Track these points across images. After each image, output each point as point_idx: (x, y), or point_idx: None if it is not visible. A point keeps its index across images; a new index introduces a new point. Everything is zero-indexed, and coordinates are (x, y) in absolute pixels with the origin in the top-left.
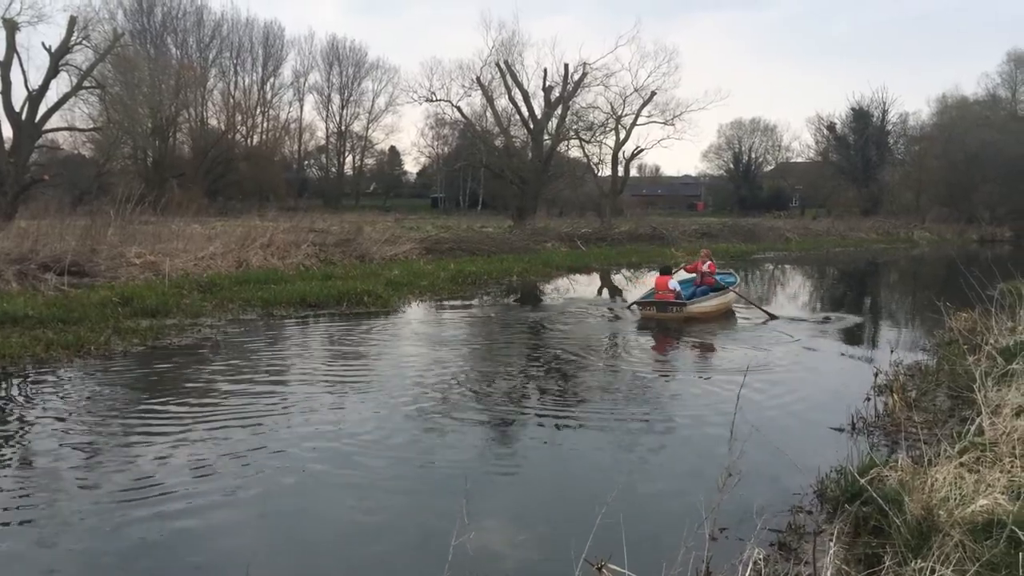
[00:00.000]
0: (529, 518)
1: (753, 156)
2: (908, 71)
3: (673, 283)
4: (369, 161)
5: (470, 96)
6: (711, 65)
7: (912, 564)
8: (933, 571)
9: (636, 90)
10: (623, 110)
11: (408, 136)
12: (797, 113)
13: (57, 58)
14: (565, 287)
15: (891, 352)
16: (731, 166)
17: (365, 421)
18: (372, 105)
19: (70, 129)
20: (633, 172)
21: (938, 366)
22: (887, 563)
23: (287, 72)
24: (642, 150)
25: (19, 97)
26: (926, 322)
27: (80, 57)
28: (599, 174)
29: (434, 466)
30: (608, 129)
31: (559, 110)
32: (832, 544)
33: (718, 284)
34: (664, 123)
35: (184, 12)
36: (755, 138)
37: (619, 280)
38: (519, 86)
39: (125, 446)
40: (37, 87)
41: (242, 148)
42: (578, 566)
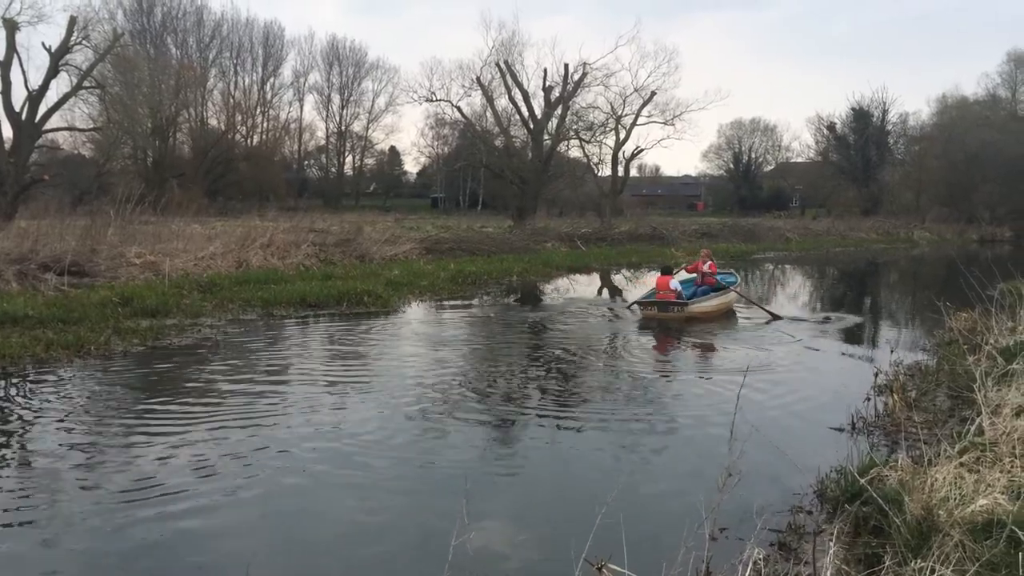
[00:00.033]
0: (529, 518)
1: (753, 156)
2: (908, 71)
3: (674, 283)
4: (369, 161)
5: (470, 96)
6: (711, 65)
7: (912, 564)
8: (933, 571)
9: (636, 90)
10: (623, 110)
11: (408, 136)
12: (797, 113)
13: (57, 58)
14: (565, 287)
15: (891, 352)
16: (731, 166)
17: (365, 421)
18: (372, 105)
19: (70, 129)
20: (633, 172)
21: (938, 366)
22: (887, 563)
23: (287, 72)
24: (642, 150)
25: (19, 97)
26: (926, 322)
27: (80, 57)
28: (599, 174)
29: (434, 466)
30: (608, 129)
31: (559, 110)
32: (832, 544)
33: (719, 284)
34: (664, 123)
35: (184, 12)
36: (755, 138)
37: (619, 280)
38: (519, 86)
39: (125, 446)
40: (37, 87)
41: (242, 148)
42: (578, 566)
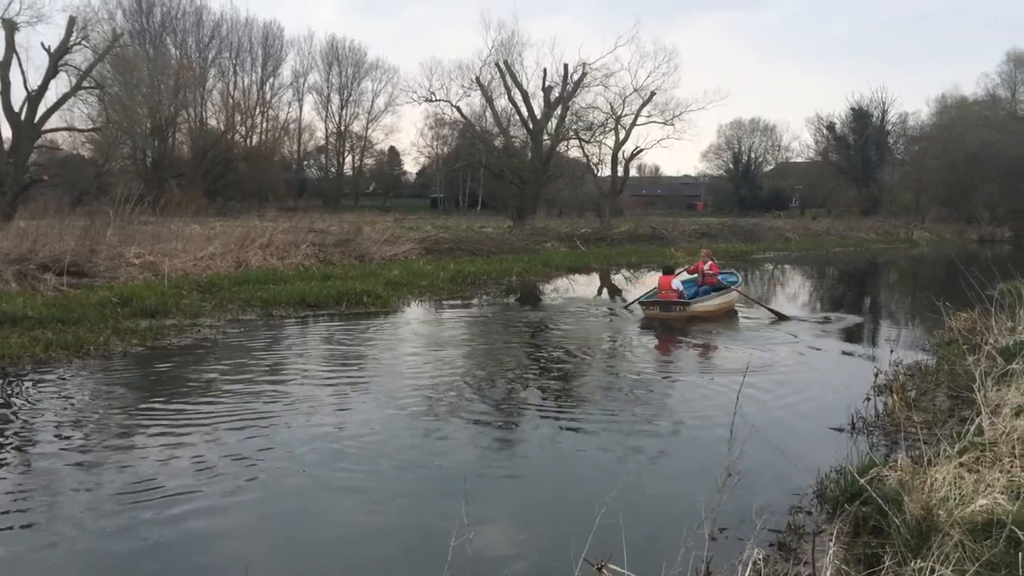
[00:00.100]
0: (529, 518)
1: (753, 156)
2: (908, 71)
3: (676, 283)
4: (368, 161)
5: (469, 96)
6: (711, 65)
7: (912, 564)
8: (933, 571)
9: (636, 90)
10: (623, 110)
11: (407, 136)
12: (797, 113)
13: (56, 58)
14: (565, 287)
15: (891, 352)
16: (731, 166)
17: (365, 421)
18: (371, 105)
19: (69, 129)
20: (633, 172)
21: (938, 366)
22: (887, 563)
23: (286, 72)
24: (642, 150)
25: (18, 97)
26: (926, 322)
27: (79, 57)
28: (599, 174)
29: (434, 466)
30: (608, 129)
31: (559, 110)
32: (832, 544)
33: (720, 284)
34: (664, 123)
35: (183, 12)
36: (755, 138)
37: (619, 280)
38: (519, 86)
39: (125, 447)
40: (36, 87)
41: (241, 148)
42: (578, 566)
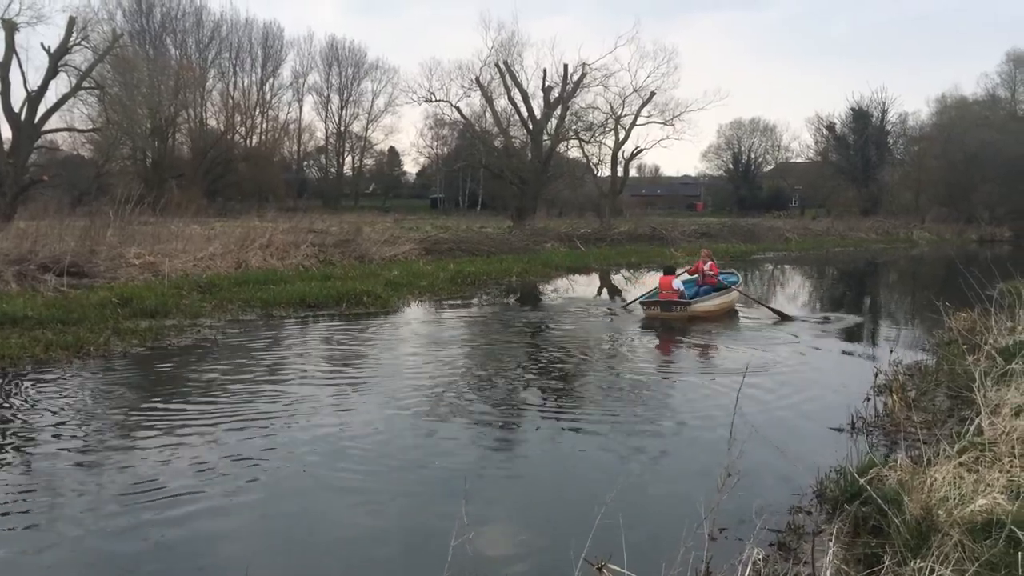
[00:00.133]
0: (529, 518)
1: (753, 156)
2: (907, 71)
3: (677, 283)
4: (368, 162)
5: (469, 96)
6: (710, 65)
7: (911, 564)
8: (932, 571)
9: (635, 90)
10: (622, 110)
11: (407, 136)
12: (797, 113)
13: (56, 59)
14: (565, 287)
15: (891, 352)
16: (731, 166)
17: (365, 422)
18: (371, 106)
19: (69, 130)
20: (632, 172)
21: (937, 366)
22: (886, 563)
23: (286, 73)
24: (641, 150)
25: (18, 98)
26: (926, 322)
27: (79, 58)
28: (598, 174)
29: (434, 466)
30: (607, 129)
31: (558, 110)
32: (831, 544)
33: (720, 284)
34: (663, 123)
35: (183, 13)
36: (755, 138)
37: (619, 280)
38: (518, 86)
39: (125, 447)
40: (36, 88)
41: (241, 149)
42: (578, 566)
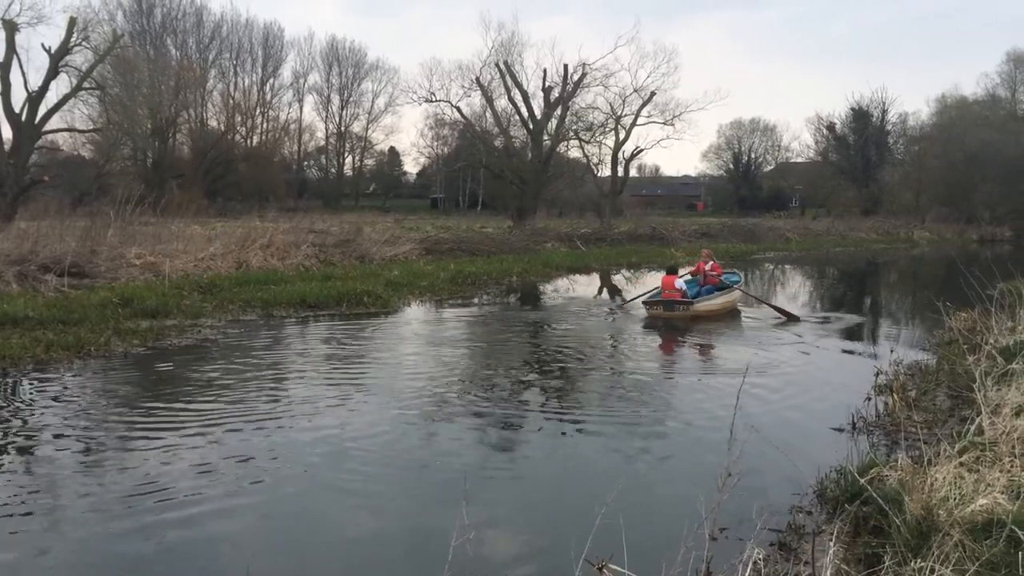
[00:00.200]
0: (529, 518)
1: (753, 156)
2: (908, 71)
3: (679, 282)
4: (369, 162)
5: (470, 97)
6: (711, 65)
7: (912, 564)
8: (933, 571)
9: (636, 90)
10: (623, 110)
11: (408, 136)
12: (797, 113)
13: (57, 59)
14: (565, 287)
15: (891, 352)
16: (731, 166)
17: (366, 422)
18: (372, 106)
19: (70, 130)
20: (633, 172)
21: (938, 366)
22: (887, 563)
23: (287, 73)
24: (642, 150)
25: (19, 98)
26: (926, 322)
27: (80, 58)
28: (599, 174)
29: (434, 467)
30: (608, 129)
31: (559, 110)
32: (832, 544)
33: (722, 283)
34: (664, 123)
35: (184, 13)
36: (755, 138)
37: (619, 280)
38: (519, 86)
39: (126, 448)
40: (37, 88)
41: (242, 149)
42: (578, 566)
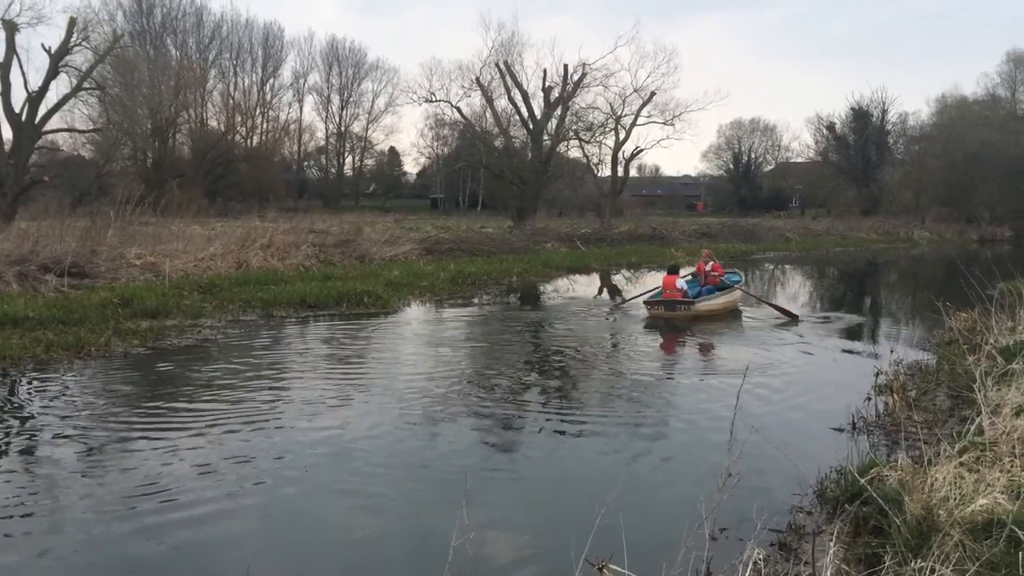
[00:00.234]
0: (529, 518)
1: (753, 156)
2: (908, 71)
3: (680, 282)
4: (369, 162)
5: (470, 97)
6: (711, 65)
7: (912, 564)
8: (933, 571)
9: (636, 90)
10: (623, 110)
11: (408, 137)
12: (797, 113)
13: (57, 59)
14: (565, 287)
15: (891, 352)
16: (731, 166)
17: (366, 422)
18: (372, 106)
19: (70, 130)
20: (633, 172)
21: (938, 366)
22: (887, 563)
23: (287, 73)
24: (642, 150)
25: (19, 98)
26: (926, 322)
27: (80, 58)
28: (599, 174)
29: (434, 467)
30: (608, 129)
31: (559, 110)
32: (832, 544)
33: (723, 283)
34: (664, 123)
35: (184, 13)
36: (755, 138)
37: (619, 280)
38: (519, 86)
39: (127, 448)
40: (37, 88)
41: (242, 149)
42: (578, 566)
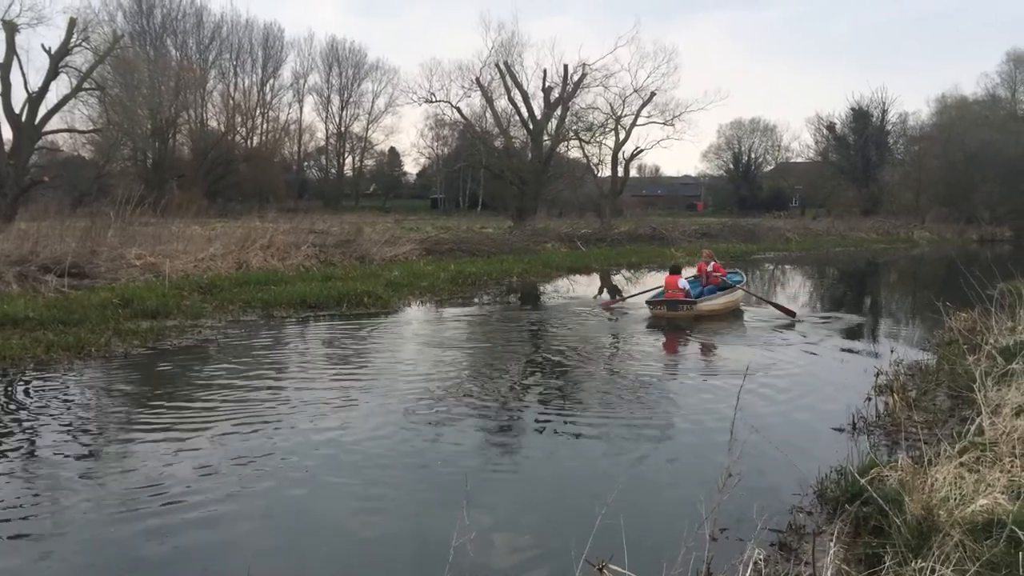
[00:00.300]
0: (530, 519)
1: (753, 156)
2: (908, 71)
3: (682, 282)
4: (369, 162)
5: (470, 97)
6: (711, 65)
7: (912, 564)
8: (933, 571)
9: (636, 90)
10: (623, 110)
11: (408, 137)
12: (797, 113)
13: (57, 60)
14: (565, 288)
15: (891, 352)
16: (731, 166)
17: (366, 423)
18: (372, 106)
19: (70, 131)
20: (633, 172)
21: (938, 366)
22: (887, 563)
23: (287, 73)
24: (642, 150)
25: (19, 99)
26: (926, 322)
27: (80, 59)
28: (599, 174)
29: (435, 467)
30: (608, 129)
31: (559, 111)
32: (832, 544)
33: (725, 283)
34: (664, 123)
35: (184, 14)
36: (755, 138)
37: (619, 280)
38: (519, 87)
39: (127, 449)
40: (37, 89)
41: (242, 149)
42: (579, 566)
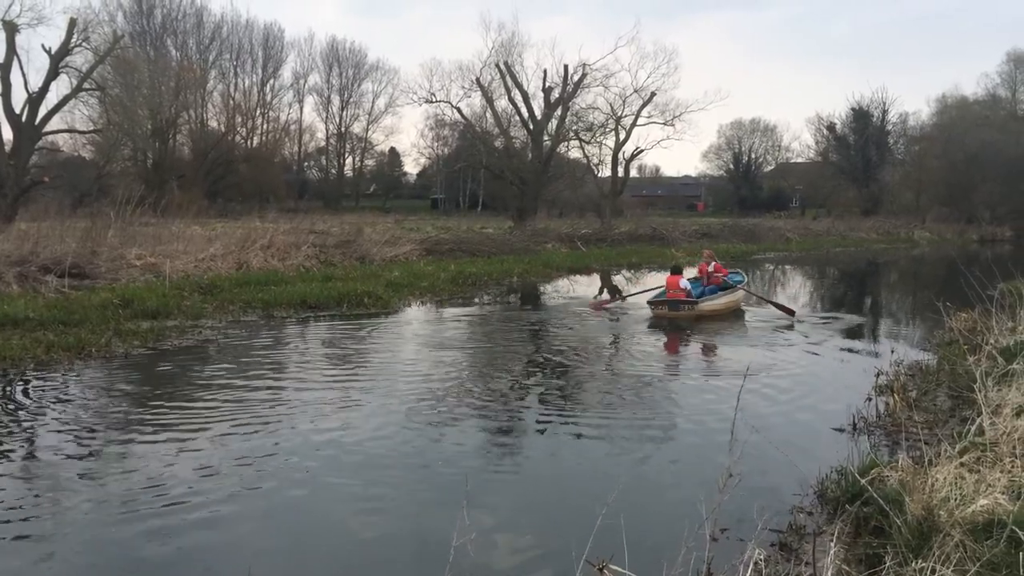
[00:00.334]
0: (530, 519)
1: (753, 156)
2: (908, 71)
3: (684, 282)
4: (369, 162)
5: (470, 97)
6: (711, 65)
7: (913, 564)
8: (934, 571)
9: (636, 91)
10: (623, 111)
11: (408, 137)
12: (797, 113)
13: (57, 60)
14: (565, 288)
15: (892, 352)
16: (731, 166)
17: (366, 423)
18: (372, 106)
19: (70, 131)
20: (633, 173)
21: (938, 366)
22: (888, 563)
23: (287, 74)
24: (642, 151)
25: (19, 99)
26: (926, 322)
27: (80, 59)
28: (599, 175)
29: (435, 467)
30: (608, 130)
31: (559, 111)
32: (833, 544)
33: (726, 283)
34: (664, 123)
35: (184, 14)
36: (755, 138)
37: (619, 281)
38: (519, 87)
39: (127, 450)
40: (37, 89)
41: (242, 150)
42: (579, 567)
